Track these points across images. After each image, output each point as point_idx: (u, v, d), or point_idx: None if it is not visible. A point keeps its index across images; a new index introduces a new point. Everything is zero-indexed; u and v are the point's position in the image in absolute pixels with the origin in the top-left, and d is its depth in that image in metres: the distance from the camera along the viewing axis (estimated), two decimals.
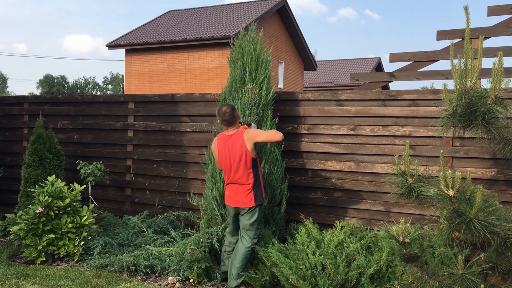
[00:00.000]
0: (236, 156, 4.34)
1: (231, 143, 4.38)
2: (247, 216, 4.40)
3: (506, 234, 3.05)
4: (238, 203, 4.40)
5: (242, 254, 4.40)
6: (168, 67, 22.62)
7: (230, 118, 4.40)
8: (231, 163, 4.38)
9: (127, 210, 6.45)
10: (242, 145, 4.32)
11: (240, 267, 4.39)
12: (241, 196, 4.37)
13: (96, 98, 6.80)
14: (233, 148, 4.36)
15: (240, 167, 4.34)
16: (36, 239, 5.20)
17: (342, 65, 36.01)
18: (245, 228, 4.43)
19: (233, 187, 4.43)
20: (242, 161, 4.33)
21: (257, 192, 4.38)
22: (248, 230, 4.42)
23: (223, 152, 4.44)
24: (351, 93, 5.20)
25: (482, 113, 3.13)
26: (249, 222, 4.40)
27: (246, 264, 4.44)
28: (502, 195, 4.44)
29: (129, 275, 4.87)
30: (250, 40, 5.22)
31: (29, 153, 6.04)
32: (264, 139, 4.32)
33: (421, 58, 5.66)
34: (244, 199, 4.36)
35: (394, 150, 4.93)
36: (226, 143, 4.42)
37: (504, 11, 5.28)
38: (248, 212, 4.39)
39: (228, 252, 4.67)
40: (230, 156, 4.38)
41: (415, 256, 3.19)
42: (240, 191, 4.38)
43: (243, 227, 4.45)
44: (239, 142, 4.33)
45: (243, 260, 4.40)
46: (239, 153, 4.32)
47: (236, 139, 4.36)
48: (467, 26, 3.13)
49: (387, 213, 4.99)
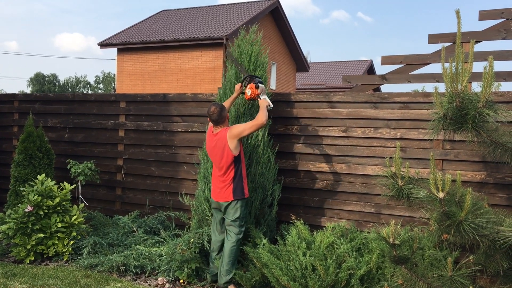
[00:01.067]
0: (218, 154, 4.47)
1: (215, 141, 4.50)
2: (230, 213, 4.47)
3: (495, 237, 3.07)
4: (219, 197, 4.51)
5: (228, 250, 4.45)
6: (160, 67, 22.55)
7: (217, 118, 4.49)
8: (215, 160, 4.53)
9: (117, 210, 6.41)
10: (225, 144, 4.42)
11: (228, 263, 4.44)
12: (221, 190, 4.48)
13: (87, 97, 6.76)
14: (216, 147, 4.48)
15: (222, 164, 4.47)
16: (25, 238, 5.15)
17: (334, 67, 36.12)
18: (228, 225, 4.51)
19: (215, 181, 4.57)
20: (223, 159, 4.44)
21: (236, 187, 4.45)
22: (231, 226, 4.49)
23: (208, 146, 4.60)
24: (343, 95, 5.22)
25: (472, 116, 3.15)
26: (231, 219, 4.47)
27: (234, 260, 4.48)
28: (492, 198, 4.47)
29: (118, 275, 4.84)
30: (249, 41, 5.23)
31: (19, 152, 5.99)
32: (249, 132, 4.41)
33: (413, 61, 5.69)
34: (224, 193, 4.46)
35: (385, 152, 4.96)
36: (212, 138, 4.57)
37: (495, 16, 5.33)
38: (230, 208, 4.46)
39: (215, 252, 4.69)
40: (213, 153, 4.53)
41: (405, 258, 3.20)
42: (221, 186, 4.49)
43: (227, 224, 4.52)
44: (222, 142, 4.44)
45: (230, 256, 4.45)
46: (221, 152, 4.45)
47: (220, 138, 4.47)
48: (458, 30, 3.15)
49: (378, 215, 5.01)
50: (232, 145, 4.39)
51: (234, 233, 4.47)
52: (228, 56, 5.27)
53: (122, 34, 24.00)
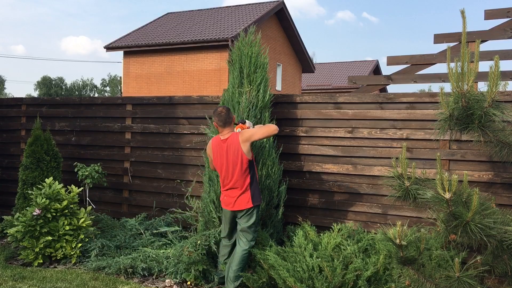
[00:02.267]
0: (231, 160, 4.30)
1: (226, 148, 4.34)
2: (245, 219, 4.39)
3: (503, 237, 3.06)
4: (236, 206, 4.37)
5: (239, 256, 4.39)
6: (166, 69, 22.63)
7: (226, 117, 4.35)
8: (227, 168, 4.34)
9: (124, 212, 6.44)
10: (238, 148, 4.28)
11: (238, 270, 4.39)
12: (239, 199, 4.35)
13: (94, 100, 6.80)
14: (228, 153, 4.32)
15: (236, 171, 4.31)
16: (33, 241, 5.19)
17: (340, 68, 36.05)
18: (243, 231, 4.43)
19: (229, 192, 4.41)
20: (238, 165, 4.30)
21: (254, 193, 4.36)
22: (245, 232, 4.42)
23: (218, 157, 4.41)
24: (349, 96, 5.21)
25: (478, 116, 3.14)
26: (247, 225, 4.39)
27: (244, 266, 4.44)
28: (499, 198, 4.45)
29: (126, 277, 4.86)
30: (248, 43, 5.22)
31: (27, 155, 6.04)
32: (260, 137, 4.27)
33: (419, 61, 5.68)
34: (242, 201, 4.34)
35: (391, 152, 4.95)
36: (221, 147, 4.38)
37: (501, 15, 5.31)
38: (246, 215, 4.38)
39: (224, 256, 4.65)
40: (226, 161, 4.34)
41: (411, 258, 3.19)
42: (237, 194, 4.35)
43: (240, 229, 4.44)
44: (234, 146, 4.29)
45: (240, 263, 4.39)
46: (235, 158, 4.29)
47: (231, 143, 4.32)
48: (464, 30, 3.14)
49: (384, 216, 5.00)
50: (245, 148, 4.27)
51: (248, 239, 4.40)
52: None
53: (128, 37, 24.12)
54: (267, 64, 5.21)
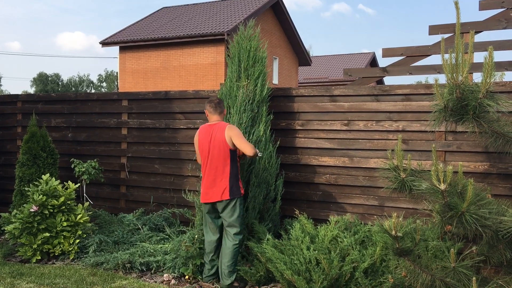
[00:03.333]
0: (214, 145, 4.40)
1: (212, 131, 4.45)
2: (229, 213, 4.41)
3: (498, 227, 3.07)
4: (214, 197, 4.40)
5: (230, 252, 4.39)
6: (162, 64, 22.56)
7: (217, 105, 4.54)
8: (209, 150, 4.43)
9: (122, 208, 6.45)
10: (222, 135, 4.39)
11: (231, 265, 4.39)
12: (216, 189, 4.38)
13: (90, 96, 6.78)
14: (213, 136, 4.42)
15: (218, 155, 4.38)
16: (31, 238, 5.19)
17: (336, 61, 36.00)
18: (229, 226, 4.43)
19: (208, 180, 4.43)
20: (220, 151, 4.38)
21: (232, 186, 4.39)
22: (231, 227, 4.42)
23: (203, 140, 4.50)
24: (345, 88, 5.22)
25: (473, 107, 3.15)
26: (231, 219, 4.41)
27: (236, 260, 4.45)
28: (495, 188, 4.47)
29: (124, 272, 4.88)
30: (247, 37, 5.22)
31: (23, 152, 6.03)
32: (238, 144, 4.35)
33: (414, 53, 5.68)
34: (219, 191, 4.37)
35: (387, 145, 4.95)
36: (207, 131, 4.49)
37: (495, 5, 5.31)
38: (228, 209, 4.40)
39: (211, 253, 4.58)
40: (209, 144, 4.44)
41: (408, 250, 3.21)
42: (215, 185, 4.39)
43: (226, 225, 4.45)
44: (220, 132, 4.41)
45: (232, 258, 4.40)
46: (218, 143, 4.39)
47: (218, 128, 4.44)
48: (458, 21, 3.14)
49: (381, 208, 5.02)
50: (228, 139, 4.37)
51: (235, 233, 4.42)
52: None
53: (123, 32, 24.03)
54: (266, 58, 5.21)
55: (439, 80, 3.32)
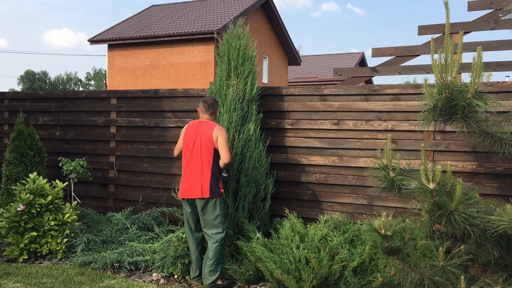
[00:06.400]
0: (203, 139, 4.42)
1: (201, 127, 4.48)
2: (209, 212, 4.39)
3: (486, 226, 3.10)
4: (195, 193, 4.37)
5: (213, 251, 4.37)
6: (151, 62, 22.44)
7: (211, 105, 4.56)
8: (194, 144, 4.43)
9: (110, 207, 6.40)
10: (210, 133, 4.42)
11: (212, 264, 4.36)
12: (198, 186, 4.37)
13: (78, 94, 6.72)
14: (202, 132, 4.45)
15: (203, 151, 4.40)
16: (18, 237, 5.13)
17: (326, 60, 36.13)
18: (209, 225, 4.41)
19: (190, 174, 4.42)
20: (208, 146, 4.40)
21: (212, 185, 4.38)
22: (212, 227, 4.40)
23: (189, 133, 4.51)
24: (334, 88, 5.23)
25: (462, 107, 3.17)
26: (211, 218, 4.39)
27: (219, 260, 4.42)
28: (483, 187, 4.51)
29: (113, 272, 4.84)
30: (236, 35, 5.21)
31: (10, 150, 5.96)
32: (220, 146, 4.39)
33: (403, 53, 5.71)
34: (200, 188, 4.36)
35: (376, 144, 4.98)
36: (196, 126, 4.51)
37: (484, 6, 5.36)
38: (208, 208, 4.38)
39: (195, 253, 4.57)
40: (195, 137, 4.45)
41: (397, 248, 3.23)
42: (197, 181, 4.37)
43: (208, 225, 4.42)
44: (208, 130, 4.44)
45: (214, 256, 4.37)
46: (205, 139, 4.41)
47: (207, 126, 4.47)
48: (447, 21, 3.16)
49: (370, 207, 5.04)
50: (214, 138, 4.40)
51: (217, 232, 4.39)
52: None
53: (112, 30, 23.84)
54: (255, 57, 5.21)
55: (428, 80, 3.34)
